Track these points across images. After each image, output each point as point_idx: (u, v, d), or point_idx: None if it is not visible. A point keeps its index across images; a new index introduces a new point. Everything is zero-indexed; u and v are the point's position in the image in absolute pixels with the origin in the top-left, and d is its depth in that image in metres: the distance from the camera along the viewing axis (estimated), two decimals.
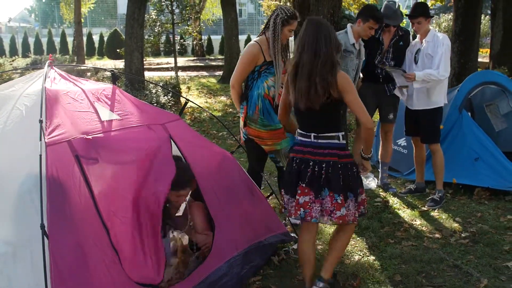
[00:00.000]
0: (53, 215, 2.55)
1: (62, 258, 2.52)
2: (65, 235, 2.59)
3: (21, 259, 2.58)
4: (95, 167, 2.87)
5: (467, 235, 4.52)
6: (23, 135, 2.86)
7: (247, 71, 4.34)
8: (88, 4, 28.43)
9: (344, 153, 3.29)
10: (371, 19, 4.92)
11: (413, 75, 4.97)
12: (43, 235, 2.48)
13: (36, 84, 3.16)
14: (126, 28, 11.73)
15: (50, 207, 2.55)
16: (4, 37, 31.90)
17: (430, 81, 5.01)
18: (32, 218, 2.56)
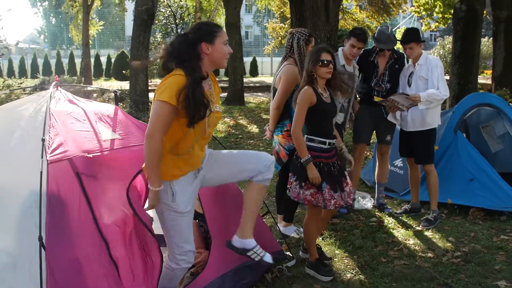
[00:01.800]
0: (52, 228, 2.69)
1: (58, 269, 2.64)
2: (63, 248, 2.72)
3: (21, 269, 2.70)
4: (95, 184, 3.01)
5: (459, 255, 4.60)
6: (27, 152, 3.01)
7: (290, 92, 4.65)
8: (96, 26, 28.87)
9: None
10: (352, 37, 5.19)
11: (418, 96, 5.09)
12: (41, 247, 2.61)
13: (42, 104, 3.31)
14: (131, 50, 12.01)
15: (49, 221, 2.69)
16: (14, 58, 32.43)
17: (433, 101, 5.13)
18: (32, 231, 2.69)
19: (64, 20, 41.54)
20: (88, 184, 2.94)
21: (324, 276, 4.16)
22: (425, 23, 20.43)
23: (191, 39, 3.06)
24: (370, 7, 24.83)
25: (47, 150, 2.91)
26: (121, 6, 26.01)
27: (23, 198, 2.83)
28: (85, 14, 25.41)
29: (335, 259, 4.57)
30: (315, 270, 4.21)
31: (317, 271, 4.20)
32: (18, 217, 2.82)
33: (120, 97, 13.86)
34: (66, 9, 28.62)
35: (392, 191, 6.46)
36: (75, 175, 2.92)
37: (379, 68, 5.52)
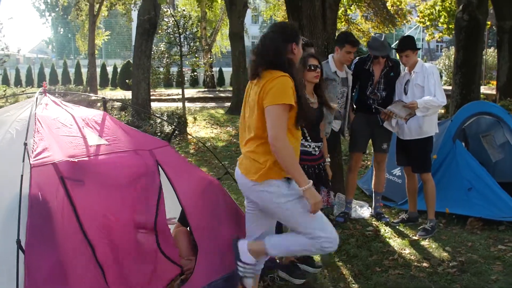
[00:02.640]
0: (33, 232, 2.68)
1: (38, 272, 2.63)
2: (44, 251, 2.71)
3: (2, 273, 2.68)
4: (80, 189, 3.00)
5: (455, 265, 4.53)
6: (13, 157, 3.00)
7: None
8: (102, 36, 29.08)
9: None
10: (346, 44, 5.19)
11: (415, 103, 5.05)
12: (18, 249, 2.59)
13: (28, 110, 3.32)
14: (133, 60, 12.06)
15: (30, 224, 2.68)
16: (21, 68, 32.68)
17: (431, 107, 5.09)
18: (13, 234, 2.67)
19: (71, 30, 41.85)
20: (72, 188, 2.93)
21: (296, 278, 4.16)
22: (429, 33, 20.40)
23: (283, 39, 3.10)
24: (376, 18, 24.87)
25: (30, 154, 2.89)
26: (127, 17, 26.22)
27: (6, 201, 2.82)
28: (91, 24, 25.61)
29: (329, 268, 4.52)
30: (287, 273, 4.20)
31: (290, 274, 4.20)
32: (1, 221, 2.80)
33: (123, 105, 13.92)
34: (72, 19, 28.84)
35: (390, 200, 6.40)
36: (59, 179, 2.90)
37: (375, 76, 5.49)
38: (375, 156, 5.85)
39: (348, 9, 21.82)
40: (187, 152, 10.16)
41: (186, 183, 3.66)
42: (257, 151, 3.11)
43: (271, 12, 29.00)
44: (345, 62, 5.36)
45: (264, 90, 3.01)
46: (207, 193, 3.78)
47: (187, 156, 9.65)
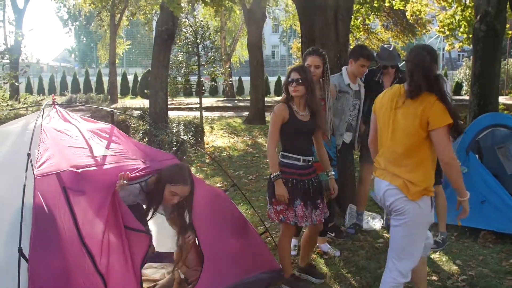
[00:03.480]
0: (36, 240, 2.74)
1: (41, 280, 2.68)
2: (47, 259, 2.78)
3: (3, 279, 2.75)
4: (82, 199, 3.05)
5: (464, 278, 4.49)
6: (19, 167, 3.07)
7: None
8: (123, 45, 29.46)
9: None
10: (361, 57, 5.21)
11: None
12: (20, 257, 2.66)
13: (32, 121, 3.39)
14: (151, 69, 12.20)
15: (34, 233, 2.74)
16: (44, 76, 33.23)
17: None
18: (17, 243, 2.74)
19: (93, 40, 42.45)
20: (74, 198, 2.99)
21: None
22: (449, 43, 20.20)
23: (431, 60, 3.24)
24: (395, 27, 24.78)
25: (34, 164, 2.96)
26: (148, 26, 26.54)
27: (11, 211, 2.88)
28: (112, 33, 26.02)
29: (338, 279, 4.52)
30: (291, 287, 4.20)
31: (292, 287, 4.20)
32: (6, 229, 2.88)
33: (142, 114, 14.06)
34: (94, 29, 29.30)
35: None
36: (61, 189, 2.96)
37: (384, 88, 5.48)
38: None
39: (366, 19, 21.75)
40: (202, 162, 10.24)
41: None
42: (414, 171, 3.27)
43: (290, 21, 29.05)
44: (358, 75, 5.38)
45: (427, 113, 3.13)
46: (214, 206, 3.83)
47: (203, 165, 9.73)
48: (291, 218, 4.02)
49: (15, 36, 14.10)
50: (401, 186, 3.24)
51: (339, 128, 5.36)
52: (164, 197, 3.48)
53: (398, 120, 3.29)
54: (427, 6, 19.83)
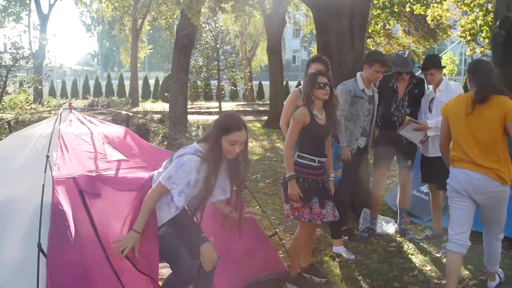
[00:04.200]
0: (55, 238, 2.90)
1: (59, 275, 2.84)
2: (64, 255, 2.93)
3: (22, 274, 2.91)
4: (98, 202, 3.20)
5: (475, 283, 4.53)
6: (38, 168, 3.22)
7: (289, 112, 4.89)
8: (145, 50, 29.85)
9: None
10: (375, 63, 5.28)
11: (425, 124, 5.11)
12: (39, 252, 2.82)
13: (51, 125, 3.55)
14: (171, 74, 12.43)
15: (52, 231, 2.89)
16: (67, 80, 33.85)
17: None
18: (35, 238, 2.90)
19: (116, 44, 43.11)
20: (90, 201, 3.14)
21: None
22: (470, 48, 20.07)
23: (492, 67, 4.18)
24: (416, 32, 24.70)
25: (53, 167, 3.12)
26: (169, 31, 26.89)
27: (30, 209, 3.04)
28: (134, 38, 26.40)
29: (349, 281, 4.59)
30: (297, 285, 4.34)
31: (299, 286, 4.34)
32: (25, 227, 3.03)
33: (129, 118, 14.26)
34: (117, 33, 29.75)
35: (417, 217, 6.41)
36: (78, 192, 3.11)
37: (399, 93, 5.56)
38: (399, 173, 5.89)
39: (387, 24, 21.73)
40: None
41: None
42: (502, 162, 3.86)
43: (311, 26, 29.11)
44: (373, 80, 5.46)
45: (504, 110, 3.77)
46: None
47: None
48: (306, 215, 4.21)
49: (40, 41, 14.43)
50: (494, 176, 3.85)
51: (354, 132, 5.44)
52: (225, 152, 3.37)
53: (477, 122, 3.89)
54: (448, 11, 19.73)
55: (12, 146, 3.79)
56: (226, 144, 3.35)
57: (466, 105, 3.97)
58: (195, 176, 3.30)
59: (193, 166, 3.27)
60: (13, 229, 3.11)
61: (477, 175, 3.90)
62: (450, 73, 31.29)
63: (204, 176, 3.32)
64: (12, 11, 14.89)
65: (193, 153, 3.28)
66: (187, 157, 3.26)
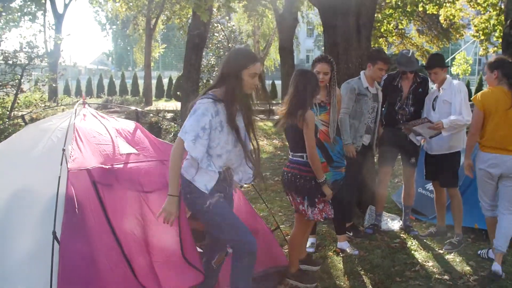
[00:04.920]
0: (68, 227, 3.05)
1: (71, 262, 3.00)
2: (77, 244, 3.08)
3: (38, 261, 3.05)
4: (110, 193, 3.35)
5: (476, 278, 4.59)
6: (53, 161, 3.37)
7: None
8: (159, 49, 30.07)
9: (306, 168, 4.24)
10: (379, 61, 5.39)
11: (440, 124, 5.19)
12: (54, 240, 2.96)
13: (68, 120, 3.71)
14: (183, 72, 12.57)
15: (65, 220, 3.05)
16: (82, 79, 34.20)
17: (457, 127, 5.21)
18: (50, 227, 3.05)
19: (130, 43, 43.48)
20: (103, 192, 3.29)
21: (308, 284, 4.44)
22: (483, 48, 19.99)
23: None
24: (430, 32, 24.60)
25: (68, 160, 3.27)
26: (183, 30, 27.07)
27: (46, 199, 3.18)
28: (147, 37, 26.63)
29: (351, 276, 4.68)
30: (298, 280, 4.45)
31: (300, 281, 4.45)
32: (39, 216, 3.19)
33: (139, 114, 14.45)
34: (131, 33, 30.02)
35: (422, 214, 6.47)
36: (91, 183, 3.26)
37: (403, 92, 5.63)
38: (403, 171, 5.97)
39: (399, 23, 21.69)
40: None
41: None
42: None
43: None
44: (376, 78, 5.55)
45: None
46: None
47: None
48: (330, 212, 4.36)
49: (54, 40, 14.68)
50: None
51: (359, 130, 5.53)
52: (247, 86, 3.38)
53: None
54: (461, 10, 19.66)
55: (28, 138, 3.96)
56: (248, 78, 3.37)
57: (505, 99, 4.56)
58: (211, 118, 3.24)
59: (205, 108, 3.22)
60: (29, 218, 3.26)
61: (508, 157, 4.58)
62: (463, 73, 31.07)
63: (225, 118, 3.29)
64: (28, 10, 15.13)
65: (203, 97, 3.31)
66: (197, 102, 3.32)
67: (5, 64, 8.53)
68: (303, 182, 4.24)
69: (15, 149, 3.96)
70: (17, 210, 3.35)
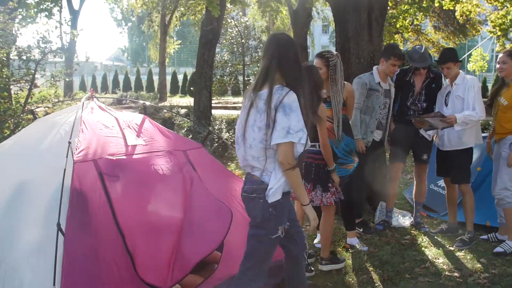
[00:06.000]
0: (72, 219, 3.07)
1: (74, 253, 3.01)
2: (81, 235, 3.10)
3: (44, 252, 3.07)
4: (116, 184, 3.37)
5: (487, 276, 4.54)
6: (60, 153, 3.39)
7: None
8: (173, 45, 30.14)
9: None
10: (392, 56, 5.34)
11: (454, 118, 5.13)
12: (58, 231, 2.98)
13: (74, 113, 3.73)
14: (196, 68, 12.57)
15: (70, 212, 3.07)
16: (97, 75, 34.45)
17: (469, 122, 5.15)
18: (55, 219, 3.05)
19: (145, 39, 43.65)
20: (109, 183, 3.30)
21: (340, 263, 4.71)
22: (500, 43, 19.74)
23: None
24: (446, 28, 24.35)
25: (74, 152, 3.29)
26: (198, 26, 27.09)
27: (52, 191, 3.20)
28: (162, 33, 26.71)
29: (360, 272, 4.66)
30: (332, 263, 4.67)
31: (333, 262, 4.68)
32: (45, 208, 3.21)
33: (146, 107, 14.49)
34: (145, 29, 30.13)
35: (434, 211, 6.41)
36: (98, 174, 3.28)
37: (416, 87, 5.57)
38: (415, 167, 5.92)
39: (415, 19, 21.48)
40: None
41: (213, 181, 3.98)
42: None
43: None
44: (389, 74, 5.51)
45: None
46: (233, 191, 4.08)
47: None
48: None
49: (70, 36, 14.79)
50: None
51: (370, 125, 5.49)
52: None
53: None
54: (478, 6, 19.41)
55: (38, 132, 3.99)
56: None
57: None
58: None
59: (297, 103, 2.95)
60: (35, 210, 3.29)
61: None
62: (480, 70, 30.70)
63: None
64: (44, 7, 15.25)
65: (288, 92, 2.95)
66: (286, 96, 2.94)
67: (19, 60, 8.59)
68: (316, 169, 4.52)
69: (24, 143, 4.00)
70: (24, 203, 3.37)
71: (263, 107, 2.95)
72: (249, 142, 3.03)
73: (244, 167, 3.17)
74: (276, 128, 2.90)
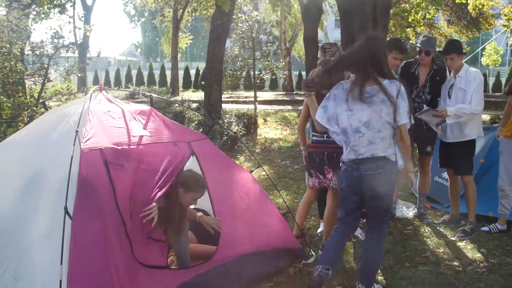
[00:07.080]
0: (80, 204, 3.22)
1: (82, 236, 3.17)
2: (87, 220, 3.25)
3: (53, 237, 3.20)
4: (120, 173, 3.51)
5: (485, 265, 4.62)
6: (68, 142, 3.52)
7: None
8: (185, 40, 30.29)
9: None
10: (394, 49, 5.40)
11: (445, 110, 5.20)
12: (65, 215, 3.13)
13: (82, 104, 3.88)
14: (206, 63, 12.71)
15: (78, 198, 3.22)
16: (111, 70, 34.72)
17: (462, 115, 5.22)
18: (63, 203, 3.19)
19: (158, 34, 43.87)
20: (114, 171, 3.45)
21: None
22: None
23: None
24: (459, 22, 24.20)
25: (81, 140, 3.44)
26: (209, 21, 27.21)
27: (60, 177, 3.35)
28: (174, 28, 26.87)
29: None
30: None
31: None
32: (54, 194, 3.36)
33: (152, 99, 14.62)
34: (158, 24, 30.31)
35: (437, 203, 6.49)
36: (103, 163, 3.42)
37: (420, 80, 5.63)
38: (419, 159, 5.99)
39: (427, 13, 21.39)
40: (253, 151, 10.63)
41: (216, 172, 4.13)
42: None
43: None
44: (391, 67, 5.54)
45: None
46: (235, 182, 4.20)
47: (251, 155, 10.11)
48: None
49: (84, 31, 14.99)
50: None
51: None
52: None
53: None
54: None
55: (48, 123, 4.14)
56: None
57: None
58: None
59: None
60: (45, 196, 3.43)
61: None
62: (494, 64, 30.43)
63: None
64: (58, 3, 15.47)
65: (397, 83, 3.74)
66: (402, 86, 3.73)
67: (32, 54, 8.77)
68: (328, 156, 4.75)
69: (37, 132, 4.15)
70: (37, 188, 3.53)
71: (385, 98, 3.65)
72: (377, 127, 3.68)
73: (366, 151, 3.75)
74: (399, 112, 3.66)
